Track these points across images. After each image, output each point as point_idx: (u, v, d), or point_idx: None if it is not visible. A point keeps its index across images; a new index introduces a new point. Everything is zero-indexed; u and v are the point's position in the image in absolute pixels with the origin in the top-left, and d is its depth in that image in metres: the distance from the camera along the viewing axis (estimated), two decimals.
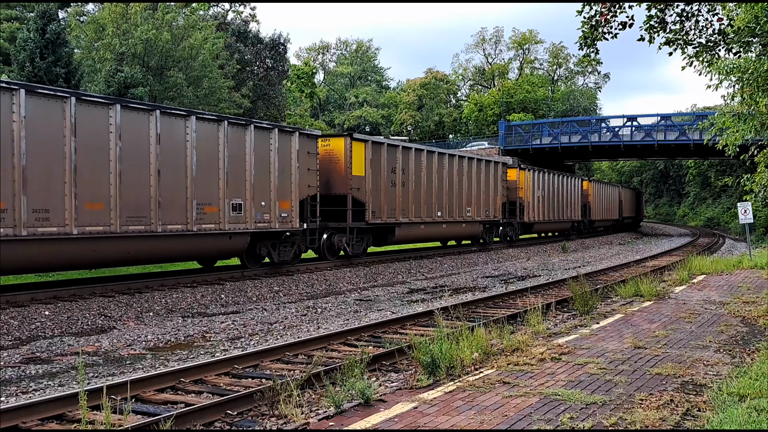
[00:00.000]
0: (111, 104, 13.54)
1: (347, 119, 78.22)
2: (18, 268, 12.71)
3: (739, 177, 15.96)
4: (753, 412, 5.57)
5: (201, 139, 15.29)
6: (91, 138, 13.06)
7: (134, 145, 13.82)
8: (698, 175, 77.44)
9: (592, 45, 10.72)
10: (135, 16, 29.74)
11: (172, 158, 14.61)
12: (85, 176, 12.81)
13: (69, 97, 12.83)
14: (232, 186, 15.99)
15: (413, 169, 23.69)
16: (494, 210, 29.97)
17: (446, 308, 11.52)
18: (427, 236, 26.10)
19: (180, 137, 14.86)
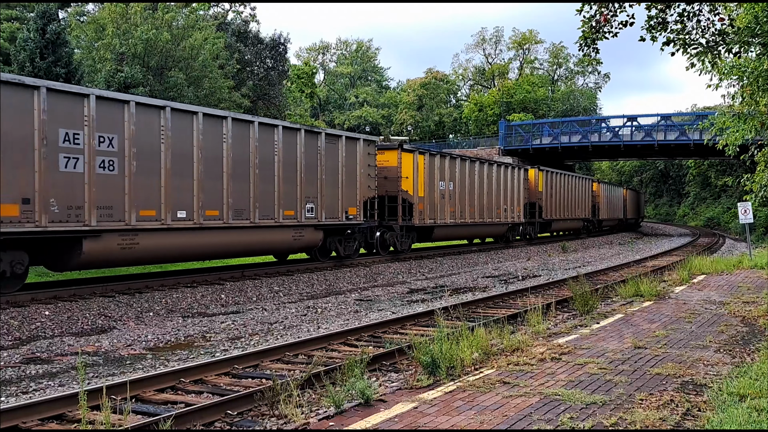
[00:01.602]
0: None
1: (347, 119, 78.23)
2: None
3: (739, 177, 15.96)
4: (753, 412, 5.57)
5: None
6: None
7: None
8: (698, 175, 77.45)
9: (593, 44, 10.71)
10: (135, 16, 29.74)
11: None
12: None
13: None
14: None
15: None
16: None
17: (446, 308, 11.53)
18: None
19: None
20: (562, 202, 39.37)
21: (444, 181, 26.33)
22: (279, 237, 17.74)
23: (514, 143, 53.78)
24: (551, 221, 37.62)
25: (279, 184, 17.44)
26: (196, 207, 15.19)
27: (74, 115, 12.60)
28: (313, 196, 18.77)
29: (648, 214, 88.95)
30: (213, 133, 15.57)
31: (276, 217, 17.40)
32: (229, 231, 16.14)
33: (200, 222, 15.30)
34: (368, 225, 21.77)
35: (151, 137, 14.17)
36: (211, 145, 15.53)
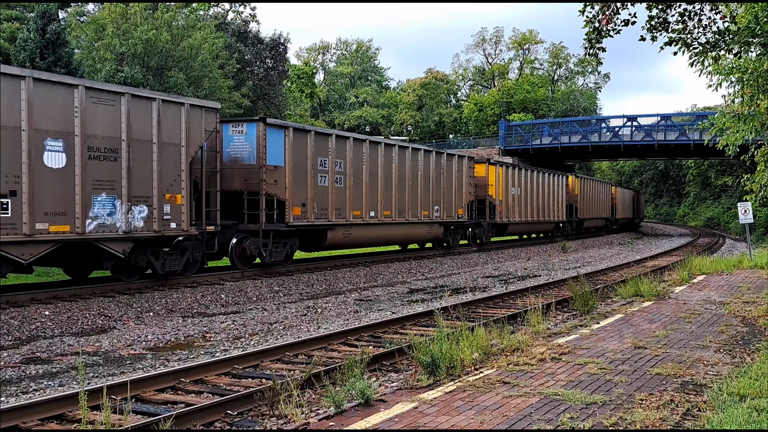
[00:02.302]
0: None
1: (347, 119, 78.24)
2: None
3: (739, 177, 15.96)
4: (753, 412, 5.57)
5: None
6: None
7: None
8: (698, 175, 77.45)
9: (598, 44, 10.70)
10: (135, 17, 29.74)
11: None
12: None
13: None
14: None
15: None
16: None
17: (446, 308, 11.53)
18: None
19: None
20: (591, 204, 45.63)
21: (514, 187, 32.47)
22: (420, 230, 24.73)
23: (514, 143, 53.79)
24: (584, 220, 43.91)
25: (420, 192, 24.05)
26: (379, 209, 21.74)
27: (324, 148, 19.20)
28: (438, 200, 25.32)
29: (648, 214, 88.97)
30: (388, 156, 22.16)
31: (419, 216, 24.09)
32: (395, 225, 22.91)
33: (381, 219, 21.94)
34: (469, 222, 28.55)
35: (358, 162, 20.60)
36: (387, 165, 22.08)
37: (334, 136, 19.57)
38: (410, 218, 23.37)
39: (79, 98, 12.49)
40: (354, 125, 76.79)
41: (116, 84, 16.81)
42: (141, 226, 13.67)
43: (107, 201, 13.02)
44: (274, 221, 17.56)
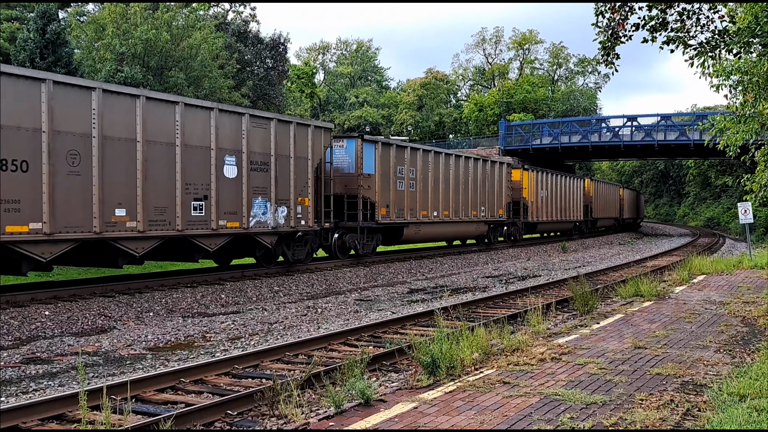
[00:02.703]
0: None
1: (347, 119, 78.22)
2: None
3: (739, 177, 15.96)
4: (753, 412, 5.57)
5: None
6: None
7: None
8: (698, 175, 77.44)
9: (612, 51, 10.69)
10: (135, 17, 29.73)
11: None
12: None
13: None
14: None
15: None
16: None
17: (446, 308, 11.53)
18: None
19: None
20: (603, 204, 50.03)
21: (542, 189, 36.45)
22: (471, 228, 28.77)
23: (514, 143, 53.77)
24: (597, 219, 48.21)
25: (470, 195, 27.90)
26: (440, 209, 25.58)
27: (402, 158, 23.18)
28: (483, 202, 29.01)
29: (648, 214, 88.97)
30: (446, 164, 26.25)
31: (470, 216, 27.88)
32: (452, 224, 26.87)
33: (442, 218, 25.75)
34: (507, 221, 31.94)
35: (425, 169, 24.68)
36: (446, 172, 26.03)
37: (409, 148, 23.86)
38: (463, 217, 27.64)
39: (245, 123, 16.04)
40: (354, 125, 76.75)
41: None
42: (282, 223, 17.28)
43: (262, 203, 16.60)
44: (367, 220, 21.51)
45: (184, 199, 14.47)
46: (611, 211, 53.37)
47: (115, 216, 13.07)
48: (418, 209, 24.12)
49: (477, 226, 29.14)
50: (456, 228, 27.77)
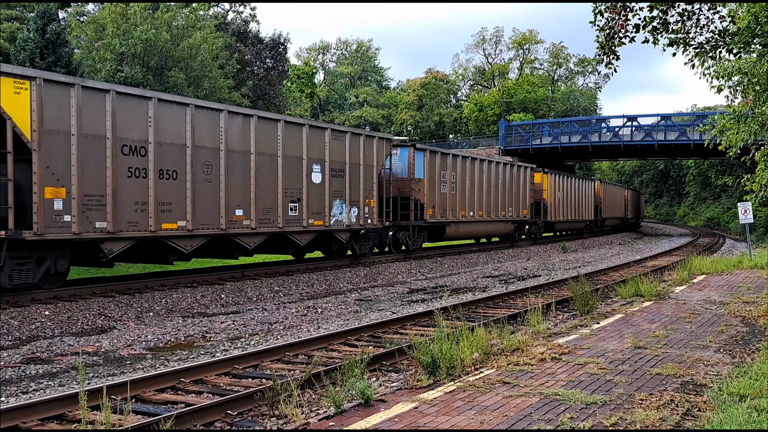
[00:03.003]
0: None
1: (347, 119, 78.22)
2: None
3: (740, 177, 15.96)
4: (753, 412, 5.57)
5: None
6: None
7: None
8: (698, 175, 77.42)
9: (612, 52, 10.66)
10: (134, 17, 29.74)
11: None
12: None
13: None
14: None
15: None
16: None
17: (446, 308, 11.54)
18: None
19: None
20: (611, 205, 52.52)
21: (559, 191, 39.13)
22: (500, 227, 31.52)
23: (514, 143, 53.76)
24: (606, 219, 50.80)
25: (500, 196, 30.54)
26: (476, 210, 28.21)
27: (444, 164, 25.87)
28: (510, 203, 31.76)
29: (648, 214, 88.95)
30: (480, 168, 28.77)
31: (500, 216, 30.60)
32: (485, 223, 29.47)
33: (477, 218, 28.37)
34: (530, 221, 34.48)
35: (462, 174, 27.31)
36: (480, 176, 28.71)
37: (450, 155, 26.72)
38: (494, 217, 30.19)
39: (328, 136, 18.85)
40: (354, 125, 76.75)
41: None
42: (354, 221, 20.05)
43: (339, 204, 19.35)
44: (417, 219, 24.15)
45: (284, 202, 17.27)
46: (618, 211, 56.10)
47: (235, 216, 15.78)
48: (457, 210, 26.88)
49: (505, 225, 32.08)
50: (488, 227, 30.76)
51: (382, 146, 21.38)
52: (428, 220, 24.67)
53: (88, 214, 12.65)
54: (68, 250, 13.17)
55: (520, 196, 33.02)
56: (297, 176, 17.64)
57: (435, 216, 25.09)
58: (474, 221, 28.37)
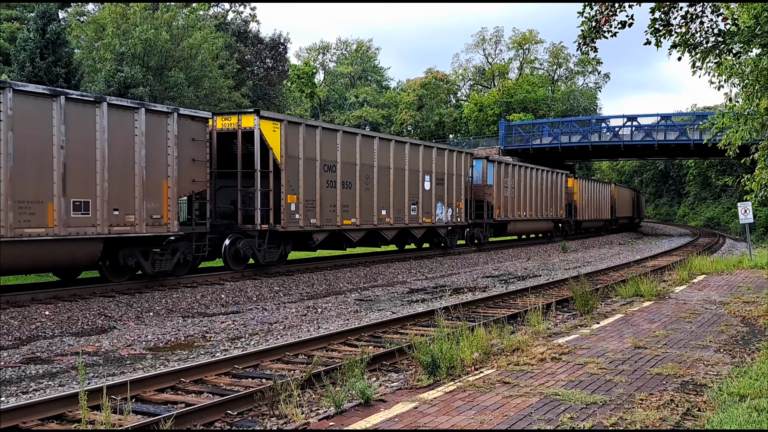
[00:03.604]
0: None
1: (347, 119, 78.21)
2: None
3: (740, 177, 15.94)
4: (753, 412, 5.57)
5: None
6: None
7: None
8: (698, 175, 77.38)
9: (591, 43, 10.67)
10: (134, 17, 29.74)
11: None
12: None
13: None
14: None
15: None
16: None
17: (446, 308, 11.53)
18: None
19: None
20: (622, 205, 56.61)
21: (585, 194, 44.33)
22: (543, 225, 36.60)
23: (514, 143, 53.75)
24: (619, 218, 55.14)
25: (543, 198, 35.43)
26: (527, 210, 33.30)
27: (506, 171, 30.95)
28: (551, 204, 36.56)
29: (648, 214, 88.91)
30: (529, 174, 33.64)
31: (543, 215, 35.43)
32: (533, 221, 34.66)
33: (528, 217, 33.32)
34: (564, 219, 39.14)
35: (520, 179, 32.37)
36: (528, 181, 33.45)
37: (511, 165, 32.36)
38: (540, 216, 34.85)
39: (434, 153, 24.82)
40: (354, 125, 76.73)
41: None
42: (450, 220, 25.76)
43: (440, 206, 24.98)
44: (487, 218, 29.66)
45: (408, 204, 22.87)
46: (626, 210, 59.82)
47: (381, 215, 21.41)
48: (514, 210, 32.33)
49: (547, 223, 37.46)
50: (536, 225, 36.06)
51: (468, 159, 27.71)
52: (496, 218, 30.26)
53: (307, 214, 18.12)
54: (293, 239, 18.65)
55: (557, 198, 38.13)
56: (415, 184, 23.40)
57: (501, 215, 30.65)
58: (526, 220, 33.96)
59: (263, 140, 16.78)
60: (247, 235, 17.24)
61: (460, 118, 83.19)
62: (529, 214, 34.08)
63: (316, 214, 18.42)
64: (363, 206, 20.25)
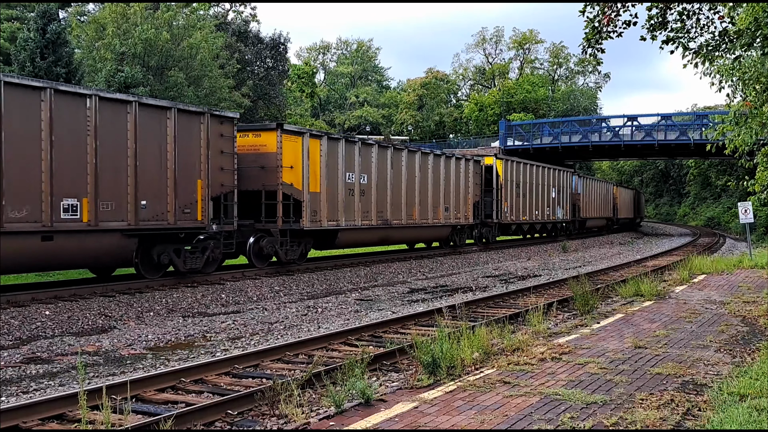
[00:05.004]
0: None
1: (348, 119, 78.20)
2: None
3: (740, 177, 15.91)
4: (753, 411, 5.57)
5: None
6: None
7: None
8: (699, 175, 77.36)
9: (597, 44, 10.64)
10: (135, 16, 29.74)
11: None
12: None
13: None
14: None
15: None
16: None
17: (447, 308, 11.52)
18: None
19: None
20: (624, 205, 59.91)
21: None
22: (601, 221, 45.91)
23: (515, 143, 53.75)
24: (620, 218, 57.69)
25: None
26: (592, 211, 46.25)
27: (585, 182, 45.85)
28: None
29: (648, 213, 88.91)
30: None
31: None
32: (593, 219, 46.22)
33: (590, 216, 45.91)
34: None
35: (588, 187, 45.32)
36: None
37: (585, 178, 43.23)
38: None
39: (555, 172, 38.09)
40: (354, 125, 76.73)
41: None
42: (561, 218, 38.78)
43: (558, 208, 37.43)
44: (578, 217, 42.06)
45: (547, 205, 35.71)
46: (627, 211, 61.79)
47: (522, 216, 32.30)
48: (587, 211, 44.14)
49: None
50: (595, 222, 48.17)
51: (571, 174, 41.41)
52: (582, 217, 43.38)
53: (514, 213, 29.97)
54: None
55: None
56: (548, 193, 36.55)
57: (585, 215, 44.33)
58: (591, 218, 46.17)
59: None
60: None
61: (460, 117, 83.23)
62: (594, 215, 46.25)
63: (514, 214, 30.96)
64: (531, 207, 33.19)
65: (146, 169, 13.98)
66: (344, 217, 19.90)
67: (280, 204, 17.63)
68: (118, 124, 13.44)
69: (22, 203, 11.80)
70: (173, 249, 15.07)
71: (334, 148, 19.56)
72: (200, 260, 15.64)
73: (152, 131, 14.12)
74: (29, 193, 11.92)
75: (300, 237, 18.70)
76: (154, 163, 14.17)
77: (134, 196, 13.70)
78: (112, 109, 13.34)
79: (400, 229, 23.15)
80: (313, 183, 18.59)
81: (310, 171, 18.49)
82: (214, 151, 15.51)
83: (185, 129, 14.83)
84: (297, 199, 18.12)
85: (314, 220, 18.60)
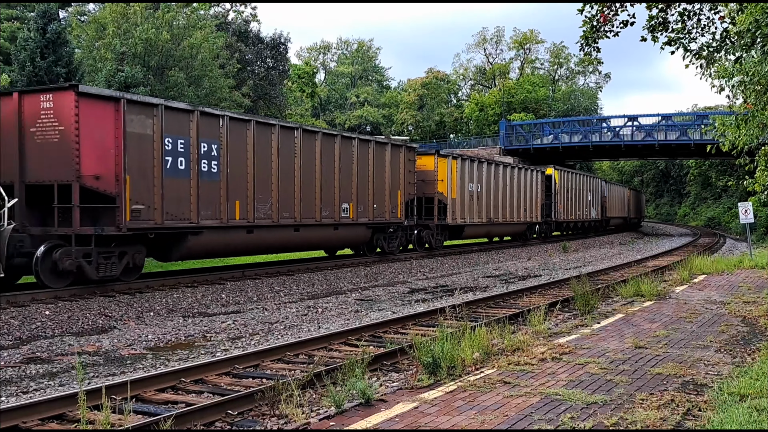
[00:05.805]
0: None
1: (348, 119, 78.20)
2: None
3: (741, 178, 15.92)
4: (754, 411, 5.57)
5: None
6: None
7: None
8: (699, 175, 77.36)
9: (594, 43, 10.63)
10: (135, 16, 29.73)
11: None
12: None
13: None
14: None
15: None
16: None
17: (447, 308, 11.52)
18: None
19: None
20: (635, 207, 64.70)
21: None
22: (518, 228, 35.86)
23: (515, 143, 53.75)
24: (624, 217, 61.21)
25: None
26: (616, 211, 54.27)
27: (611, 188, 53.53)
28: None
29: (649, 214, 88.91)
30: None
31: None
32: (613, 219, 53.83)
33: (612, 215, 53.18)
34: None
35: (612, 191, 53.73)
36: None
37: (609, 183, 50.07)
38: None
39: (592, 179, 46.53)
40: (355, 125, 76.70)
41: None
42: (594, 216, 46.79)
43: (593, 209, 45.75)
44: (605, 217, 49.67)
45: (584, 206, 41.26)
46: (634, 211, 64.93)
47: (570, 216, 39.94)
48: (611, 211, 49.72)
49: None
50: (615, 221, 53.88)
51: (601, 181, 48.16)
52: (609, 215, 50.53)
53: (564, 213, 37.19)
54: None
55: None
56: (585, 197, 42.63)
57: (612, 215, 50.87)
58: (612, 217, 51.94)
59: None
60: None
61: (460, 118, 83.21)
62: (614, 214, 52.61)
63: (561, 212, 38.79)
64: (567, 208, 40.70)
65: (376, 185, 21.49)
66: (468, 216, 27.98)
67: (436, 206, 25.57)
68: (368, 156, 21.25)
69: (326, 207, 19.22)
70: (383, 236, 22.83)
71: (463, 166, 27.50)
72: (394, 245, 23.52)
73: (379, 159, 21.75)
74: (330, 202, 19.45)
75: (444, 230, 26.68)
76: (379, 180, 21.70)
77: (372, 202, 21.31)
78: (364, 147, 21.07)
79: (497, 225, 31.31)
80: (453, 191, 26.44)
81: (452, 183, 26.35)
82: (405, 171, 23.21)
83: (394, 157, 22.65)
84: (444, 203, 26.09)
85: (453, 219, 26.65)
